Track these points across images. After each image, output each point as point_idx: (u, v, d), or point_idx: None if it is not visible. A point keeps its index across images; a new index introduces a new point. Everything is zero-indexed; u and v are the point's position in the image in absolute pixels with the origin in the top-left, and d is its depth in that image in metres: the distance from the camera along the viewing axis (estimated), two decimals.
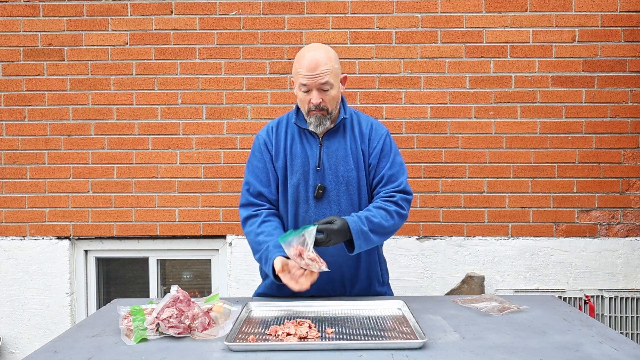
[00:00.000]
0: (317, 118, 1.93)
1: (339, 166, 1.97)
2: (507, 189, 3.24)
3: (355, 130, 2.02)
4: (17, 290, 3.30)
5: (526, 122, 3.23)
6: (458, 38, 3.23)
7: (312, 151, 1.98)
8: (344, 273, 2.01)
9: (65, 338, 1.63)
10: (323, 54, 1.90)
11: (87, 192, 3.31)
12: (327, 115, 1.93)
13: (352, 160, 1.98)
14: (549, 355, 1.42)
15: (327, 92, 1.90)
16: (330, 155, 1.98)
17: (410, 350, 1.46)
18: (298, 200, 1.98)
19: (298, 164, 1.98)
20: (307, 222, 1.97)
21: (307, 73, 1.88)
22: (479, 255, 3.25)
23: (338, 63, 1.95)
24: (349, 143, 1.99)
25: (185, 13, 3.26)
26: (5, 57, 3.29)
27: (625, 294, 3.19)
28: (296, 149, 2.00)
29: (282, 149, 2.01)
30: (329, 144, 1.99)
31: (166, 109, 3.29)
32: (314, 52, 1.90)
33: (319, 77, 1.87)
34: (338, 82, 1.95)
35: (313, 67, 1.87)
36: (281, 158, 2.00)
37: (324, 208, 1.97)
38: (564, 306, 1.92)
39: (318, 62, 1.87)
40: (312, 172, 1.97)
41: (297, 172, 1.98)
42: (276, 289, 2.02)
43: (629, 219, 3.23)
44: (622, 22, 3.20)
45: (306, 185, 1.97)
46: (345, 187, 1.97)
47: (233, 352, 1.47)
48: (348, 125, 2.02)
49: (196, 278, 3.56)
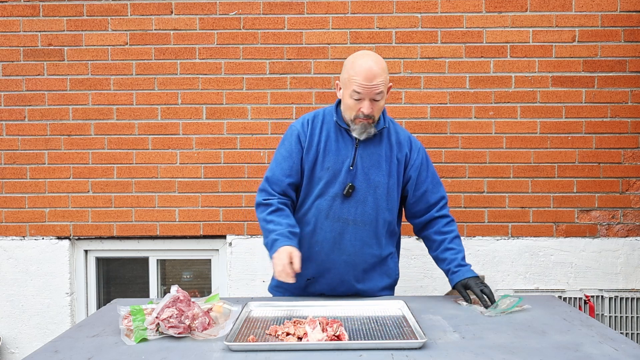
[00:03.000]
0: (362, 126, 1.95)
1: (372, 170, 2.01)
2: (507, 189, 3.24)
3: (392, 139, 2.06)
4: (17, 290, 3.30)
5: (526, 122, 3.23)
6: (458, 38, 3.23)
7: (347, 150, 2.01)
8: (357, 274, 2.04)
9: (65, 338, 1.63)
10: (379, 65, 1.91)
11: (87, 192, 3.31)
12: (373, 124, 1.97)
13: (385, 166, 2.02)
14: (548, 355, 1.42)
15: (377, 103, 1.93)
16: (364, 158, 2.01)
17: (410, 350, 1.46)
18: (324, 195, 2.00)
19: (330, 161, 2.00)
20: (330, 217, 2.00)
21: (363, 82, 1.88)
22: (479, 255, 3.25)
23: (387, 73, 1.97)
24: (385, 150, 2.03)
25: (185, 13, 3.26)
26: (5, 57, 3.29)
27: (625, 294, 3.19)
28: (330, 146, 2.01)
29: (316, 143, 2.02)
30: (365, 147, 2.02)
31: (166, 109, 3.29)
32: (370, 62, 1.90)
33: (374, 88, 1.89)
34: (386, 93, 1.98)
35: (371, 77, 1.88)
36: (313, 152, 2.02)
37: (350, 207, 2.00)
38: (564, 306, 1.92)
39: (375, 73, 1.88)
40: (345, 171, 1.99)
41: (328, 169, 2.00)
42: None
43: (629, 219, 3.23)
44: (622, 22, 3.20)
45: (335, 182, 2.00)
46: (374, 191, 2.01)
47: (233, 352, 1.47)
48: (385, 133, 2.06)
49: (196, 278, 3.56)
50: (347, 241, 2.01)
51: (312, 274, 2.03)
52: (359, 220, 1.99)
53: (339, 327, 1.57)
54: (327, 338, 1.52)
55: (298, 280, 1.97)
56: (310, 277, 2.04)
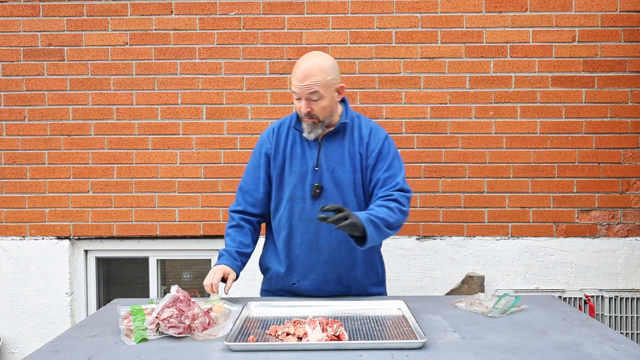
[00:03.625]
0: (308, 125, 1.99)
1: (336, 167, 2.01)
2: (507, 189, 3.24)
3: (355, 134, 2.06)
4: (17, 290, 3.30)
5: (526, 122, 3.23)
6: (458, 38, 3.23)
7: (312, 152, 2.03)
8: (340, 273, 2.03)
9: (65, 338, 1.63)
10: (316, 65, 1.92)
11: (87, 192, 3.31)
12: (319, 123, 1.98)
13: (349, 162, 2.02)
14: (549, 355, 1.42)
15: (316, 102, 1.93)
16: (328, 156, 2.02)
17: (410, 350, 1.46)
18: (294, 199, 2.03)
19: (297, 164, 2.04)
20: (303, 220, 2.02)
21: (296, 83, 1.93)
22: (479, 255, 3.25)
23: (333, 74, 1.96)
24: (348, 146, 2.04)
25: (185, 13, 3.26)
26: (5, 57, 3.29)
27: (625, 294, 3.19)
28: (296, 150, 2.05)
29: (282, 149, 2.06)
30: (328, 146, 2.03)
31: (166, 109, 3.29)
32: (308, 62, 1.93)
33: (307, 88, 1.91)
34: (331, 92, 1.96)
35: (303, 77, 1.91)
36: (280, 158, 2.06)
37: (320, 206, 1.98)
38: (564, 306, 1.92)
39: (308, 73, 1.91)
40: (310, 172, 2.02)
41: (295, 172, 2.03)
42: (274, 283, 2.12)
43: (629, 219, 3.23)
44: (622, 22, 3.20)
45: (303, 185, 2.02)
46: (341, 188, 2.01)
47: (233, 352, 1.47)
48: (348, 128, 2.06)
49: (196, 278, 3.56)
50: (323, 241, 2.02)
51: (296, 278, 2.06)
52: None
53: (339, 327, 1.57)
54: (327, 338, 1.52)
55: (284, 284, 2.09)
56: (294, 282, 2.06)
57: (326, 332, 1.54)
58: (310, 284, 2.04)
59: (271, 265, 2.12)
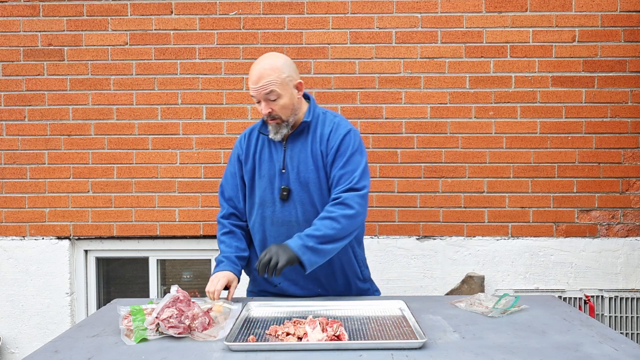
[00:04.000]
0: (273, 127, 1.98)
1: (301, 167, 1.99)
2: (507, 189, 3.24)
3: (317, 132, 2.02)
4: (17, 290, 3.30)
5: (526, 122, 3.23)
6: (458, 38, 3.23)
7: (278, 154, 2.03)
8: (318, 273, 2.00)
9: (65, 338, 1.63)
10: (268, 65, 1.92)
11: (87, 192, 3.31)
12: (283, 123, 1.97)
13: (312, 161, 1.99)
14: (549, 355, 1.42)
15: (275, 102, 1.92)
16: (293, 157, 2.01)
17: (410, 350, 1.46)
18: (265, 203, 2.03)
19: (265, 168, 2.04)
20: (275, 223, 2.02)
21: (252, 86, 1.92)
22: (479, 255, 3.25)
23: (288, 71, 1.95)
24: (310, 145, 2.01)
25: (185, 13, 3.26)
26: (5, 57, 3.29)
27: (625, 294, 3.19)
28: (264, 154, 2.05)
29: (252, 154, 2.07)
30: (293, 147, 2.02)
31: (166, 109, 3.29)
32: (260, 64, 1.93)
33: (262, 89, 1.90)
34: (289, 90, 1.95)
35: (257, 79, 1.91)
36: (250, 162, 2.07)
37: (290, 209, 2.00)
38: (564, 306, 1.92)
39: (262, 74, 1.90)
40: (278, 175, 2.01)
41: (264, 176, 2.03)
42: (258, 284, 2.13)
43: (629, 219, 3.23)
44: (622, 22, 3.20)
45: (272, 188, 2.02)
46: (308, 189, 1.99)
47: (233, 352, 1.47)
48: (312, 127, 2.03)
49: (196, 278, 3.56)
50: None
51: (277, 280, 2.05)
52: (301, 220, 1.99)
53: (339, 327, 1.57)
54: (327, 338, 1.52)
55: (267, 287, 2.09)
56: (276, 284, 2.06)
57: (326, 332, 1.54)
58: (291, 285, 2.04)
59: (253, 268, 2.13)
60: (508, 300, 1.85)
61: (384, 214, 3.25)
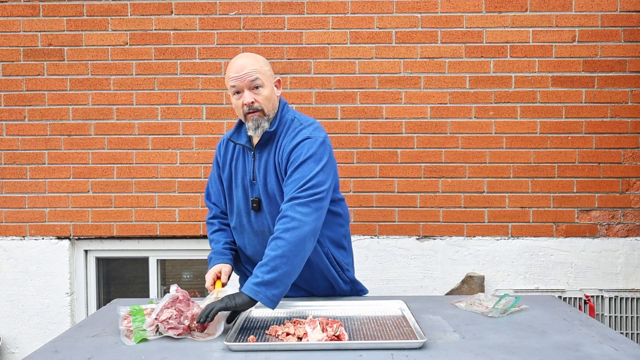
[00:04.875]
0: (254, 121, 1.91)
1: (268, 178, 1.95)
2: (507, 189, 3.24)
3: (281, 141, 1.95)
4: (17, 290, 3.30)
5: (526, 122, 3.23)
6: (458, 38, 3.23)
7: (249, 165, 2.00)
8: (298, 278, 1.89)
9: (65, 338, 1.63)
10: (251, 57, 1.93)
11: (87, 192, 3.31)
12: (264, 117, 1.92)
13: (274, 173, 1.94)
14: (549, 355, 1.42)
15: (259, 91, 1.90)
16: (260, 168, 1.97)
17: (410, 350, 1.46)
18: (240, 212, 2.02)
19: (239, 177, 2.02)
20: (252, 232, 2.00)
21: (234, 75, 1.89)
22: (479, 255, 3.25)
23: (268, 66, 1.97)
24: (273, 155, 1.95)
25: (185, 13, 3.26)
26: (5, 57, 3.29)
27: (625, 294, 3.19)
28: (239, 164, 2.03)
29: (229, 162, 2.06)
30: (260, 157, 1.97)
31: (166, 109, 3.29)
32: (241, 58, 1.94)
33: (247, 76, 1.88)
34: (271, 84, 1.94)
35: (240, 68, 1.89)
36: (227, 170, 2.06)
37: (262, 219, 1.98)
38: (564, 306, 1.92)
39: (245, 64, 1.90)
40: (249, 185, 1.99)
41: (239, 185, 2.02)
42: None
43: (629, 219, 3.23)
44: (622, 22, 3.20)
45: (246, 198, 2.00)
46: (274, 200, 1.94)
47: (233, 352, 1.47)
48: (278, 135, 1.96)
49: (196, 278, 3.56)
50: None
51: None
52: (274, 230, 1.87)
53: (339, 327, 1.57)
54: (327, 338, 1.52)
55: None
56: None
57: (326, 332, 1.54)
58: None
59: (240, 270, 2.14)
60: (508, 300, 1.85)
61: (384, 214, 3.25)
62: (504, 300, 1.85)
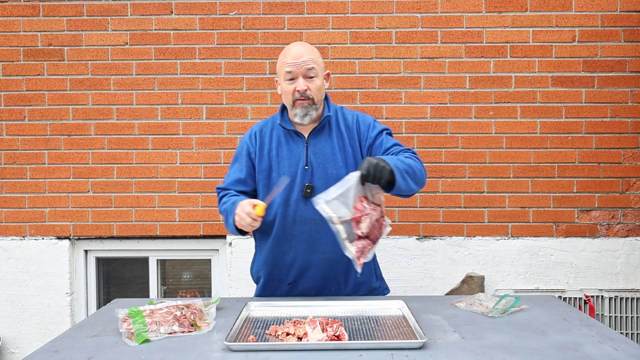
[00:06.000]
0: (303, 108, 1.94)
1: (327, 164, 1.97)
2: (507, 189, 3.24)
3: (342, 126, 2.01)
4: (17, 290, 3.30)
5: (526, 122, 3.23)
6: (458, 38, 3.23)
7: (299, 151, 1.99)
8: (338, 269, 2.00)
9: (65, 338, 1.63)
10: (307, 47, 1.99)
11: (87, 192, 3.31)
12: (313, 105, 1.95)
13: (341, 157, 1.98)
14: (548, 355, 1.42)
15: (312, 80, 1.94)
16: (317, 154, 1.98)
17: (410, 350, 1.46)
18: (287, 201, 1.98)
19: (285, 166, 1.99)
20: (297, 221, 1.98)
21: (292, 61, 1.93)
22: (479, 255, 3.25)
23: (322, 59, 2.02)
24: (336, 140, 1.99)
25: (185, 13, 3.26)
26: (5, 57, 3.29)
27: (625, 294, 3.19)
28: (283, 152, 2.00)
29: (267, 152, 2.02)
30: (316, 143, 1.99)
31: (166, 109, 3.29)
32: (298, 45, 1.99)
33: (305, 64, 1.93)
34: (322, 75, 2.00)
35: (298, 55, 1.93)
36: (265, 161, 2.02)
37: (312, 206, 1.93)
38: (564, 306, 1.92)
39: (302, 52, 1.95)
40: (301, 172, 1.97)
41: (284, 174, 1.98)
42: (269, 289, 2.08)
43: (629, 219, 3.23)
44: (622, 22, 3.20)
45: (294, 186, 1.97)
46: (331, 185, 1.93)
47: (233, 352, 1.47)
48: (333, 122, 2.02)
49: (196, 278, 3.56)
50: (319, 241, 1.97)
51: (292, 278, 2.02)
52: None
53: (339, 327, 1.57)
54: (327, 338, 1.52)
55: (280, 287, 2.04)
56: (290, 281, 2.03)
57: (326, 332, 1.54)
58: (307, 283, 2.01)
59: (264, 272, 2.07)
60: (508, 300, 1.85)
61: None
62: (504, 300, 1.85)
